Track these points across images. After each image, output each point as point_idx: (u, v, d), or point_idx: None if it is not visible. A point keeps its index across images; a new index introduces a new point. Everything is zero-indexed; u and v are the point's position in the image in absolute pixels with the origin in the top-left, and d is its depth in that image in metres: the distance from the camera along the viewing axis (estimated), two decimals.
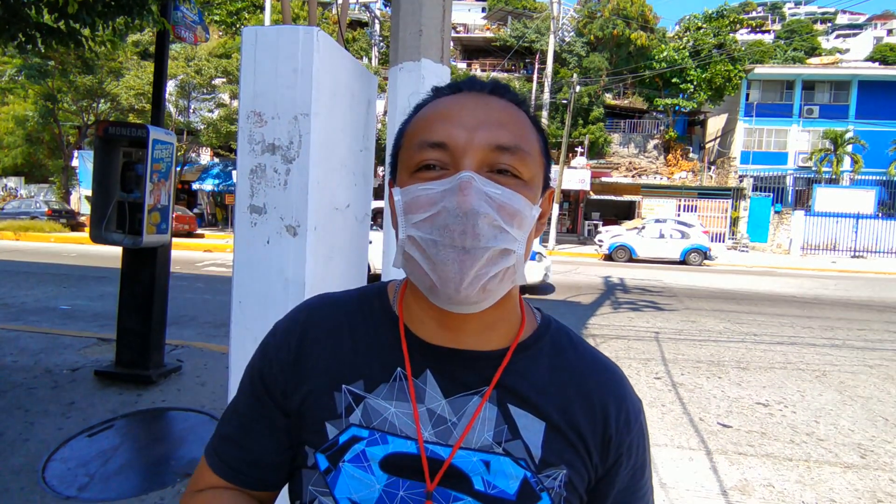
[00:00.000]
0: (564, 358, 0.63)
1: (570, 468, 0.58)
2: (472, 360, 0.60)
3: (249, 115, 2.54)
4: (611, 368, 0.65)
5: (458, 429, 0.57)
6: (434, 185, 0.54)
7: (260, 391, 0.63)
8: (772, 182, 25.67)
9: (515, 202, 0.54)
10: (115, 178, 3.73)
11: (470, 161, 0.54)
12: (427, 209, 0.53)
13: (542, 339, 0.64)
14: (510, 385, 0.59)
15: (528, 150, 0.57)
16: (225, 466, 0.64)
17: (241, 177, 2.53)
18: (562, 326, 0.68)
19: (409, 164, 0.57)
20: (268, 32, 2.50)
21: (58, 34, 3.37)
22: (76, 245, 14.15)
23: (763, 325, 7.39)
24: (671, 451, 3.39)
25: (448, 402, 0.58)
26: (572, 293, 9.42)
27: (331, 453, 0.58)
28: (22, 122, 21.49)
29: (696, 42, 27.74)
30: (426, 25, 2.68)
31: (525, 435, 0.57)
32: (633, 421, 0.63)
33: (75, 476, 2.79)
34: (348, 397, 0.59)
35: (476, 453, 0.56)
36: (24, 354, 4.47)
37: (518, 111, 0.59)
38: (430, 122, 0.57)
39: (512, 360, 0.60)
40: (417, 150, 0.56)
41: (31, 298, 7.01)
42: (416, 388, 0.58)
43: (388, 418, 0.58)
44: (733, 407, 4.22)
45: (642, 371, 5.05)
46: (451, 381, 0.59)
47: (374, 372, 0.60)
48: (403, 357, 0.60)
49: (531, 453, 0.57)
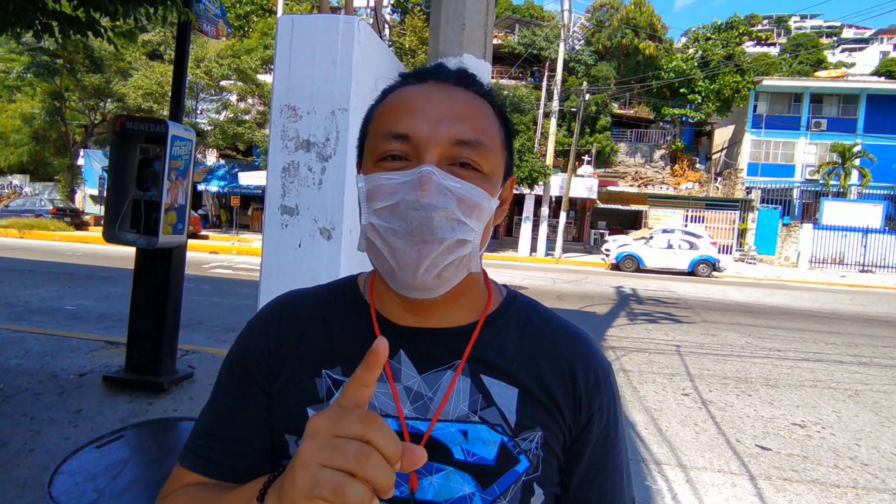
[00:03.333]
0: (532, 327, 0.65)
1: (545, 430, 0.60)
2: (442, 337, 0.62)
3: (283, 109, 2.37)
4: (578, 333, 0.67)
5: (434, 403, 0.59)
6: (396, 175, 0.55)
7: (241, 378, 0.64)
8: (779, 194, 25.52)
9: (474, 195, 0.56)
10: (132, 175, 3.56)
11: (432, 154, 0.55)
12: (388, 198, 0.55)
13: (508, 311, 0.66)
14: (481, 356, 0.61)
15: (489, 143, 0.58)
16: (204, 462, 0.63)
17: (272, 175, 2.35)
18: (528, 299, 0.70)
19: (374, 152, 0.58)
20: (305, 21, 2.34)
21: (76, 23, 3.23)
22: (81, 244, 14.00)
23: (785, 340, 7.19)
24: (712, 475, 3.21)
25: (422, 378, 0.60)
26: (585, 303, 9.24)
27: None
28: (29, 119, 21.41)
29: (705, 53, 27.69)
30: (470, 19, 2.53)
31: (499, 402, 0.59)
32: (603, 382, 0.64)
33: (83, 491, 2.60)
34: (328, 381, 0.61)
35: (454, 424, 0.58)
36: (29, 357, 4.29)
37: (482, 102, 0.60)
38: (394, 113, 0.58)
39: (480, 333, 0.62)
40: (382, 140, 0.57)
41: (36, 298, 6.85)
42: (392, 368, 0.60)
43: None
44: (769, 427, 4.04)
45: (668, 386, 4.86)
46: (424, 359, 0.61)
47: (350, 356, 0.62)
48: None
49: (506, 419, 0.59)
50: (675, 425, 3.96)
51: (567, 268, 16.99)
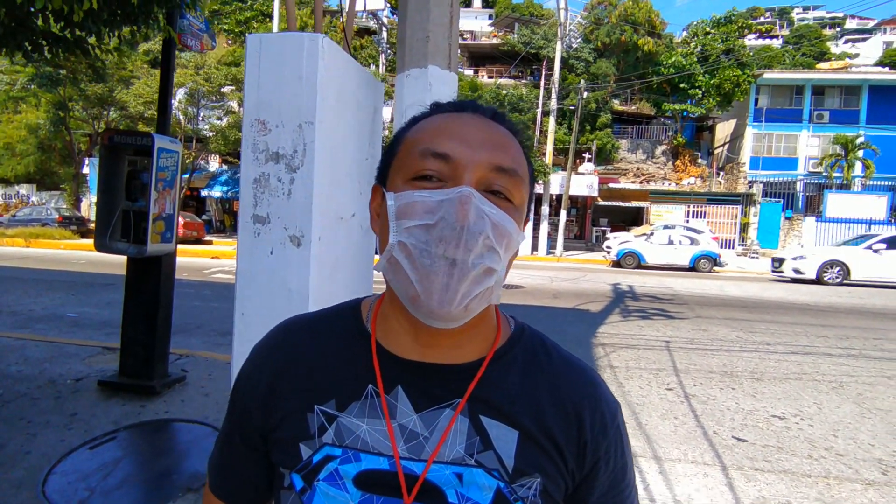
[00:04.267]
0: (537, 364, 0.63)
1: (545, 476, 0.58)
2: (444, 374, 0.60)
3: (253, 123, 2.49)
4: (584, 371, 0.65)
5: (430, 443, 0.57)
6: (432, 193, 0.54)
7: (239, 419, 0.66)
8: (782, 188, 25.42)
9: (507, 224, 0.55)
10: (121, 186, 3.70)
11: (469, 177, 0.55)
12: (423, 217, 0.53)
13: (514, 347, 0.64)
14: (481, 396, 0.59)
15: (522, 175, 0.59)
16: (220, 490, 0.70)
17: (244, 186, 2.48)
18: (535, 332, 0.68)
19: (407, 170, 0.57)
20: (272, 39, 2.46)
21: (64, 42, 3.37)
22: (86, 252, 14.22)
23: (776, 334, 7.25)
24: (685, 466, 3.30)
25: (419, 417, 0.58)
26: (581, 301, 9.32)
27: (305, 473, 0.59)
28: (34, 130, 21.73)
29: (705, 47, 27.62)
30: (433, 32, 2.64)
31: (497, 445, 0.58)
32: (610, 424, 0.62)
33: (76, 490, 2.74)
34: (321, 417, 0.60)
35: (449, 466, 0.57)
36: (28, 364, 4.44)
37: (514, 139, 0.61)
38: (434, 134, 0.58)
39: (485, 371, 0.61)
40: (419, 158, 0.56)
41: (39, 306, 7.02)
42: (388, 405, 0.59)
43: (361, 436, 0.58)
44: (748, 420, 4.11)
45: (653, 382, 4.94)
46: (422, 396, 0.59)
47: (345, 391, 0.60)
48: (375, 374, 0.60)
49: (504, 463, 0.57)
50: (655, 419, 4.04)
51: (568, 266, 17.04)
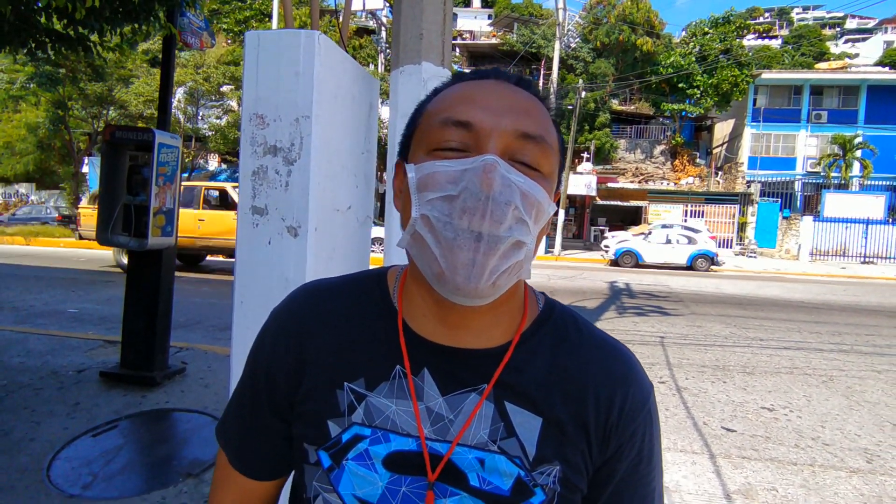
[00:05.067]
0: (568, 345, 0.61)
1: (565, 464, 0.57)
2: (470, 358, 0.58)
3: (252, 117, 2.57)
4: (618, 351, 0.62)
5: (454, 426, 0.57)
6: (454, 163, 0.52)
7: (266, 387, 0.64)
8: (780, 187, 25.52)
9: (537, 193, 0.53)
10: (122, 181, 3.78)
11: (493, 145, 0.52)
12: (445, 188, 0.51)
13: (543, 328, 0.62)
14: (508, 381, 0.58)
15: (551, 143, 0.56)
16: (241, 464, 0.67)
17: (243, 178, 2.55)
18: (566, 311, 0.64)
19: (428, 141, 0.55)
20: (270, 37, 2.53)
21: (67, 40, 3.44)
22: (85, 250, 14.28)
23: (770, 330, 7.33)
24: (674, 454, 3.37)
25: (445, 400, 0.57)
26: (577, 298, 9.39)
27: (334, 451, 0.58)
28: (33, 129, 21.79)
29: (703, 47, 27.70)
30: (427, 29, 2.71)
31: (520, 432, 0.57)
32: (640, 408, 0.60)
33: (79, 475, 2.82)
34: (350, 396, 0.59)
35: (472, 450, 0.56)
36: (31, 356, 4.52)
37: (542, 106, 0.58)
38: (455, 102, 0.55)
39: (512, 355, 0.59)
40: (439, 128, 0.54)
41: (40, 302, 7.09)
42: (416, 387, 0.58)
43: (391, 416, 0.58)
44: (738, 411, 4.19)
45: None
46: (448, 379, 0.58)
47: (374, 369, 0.59)
48: (402, 355, 0.59)
49: (525, 451, 0.57)
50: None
51: (565, 265, 17.12)
